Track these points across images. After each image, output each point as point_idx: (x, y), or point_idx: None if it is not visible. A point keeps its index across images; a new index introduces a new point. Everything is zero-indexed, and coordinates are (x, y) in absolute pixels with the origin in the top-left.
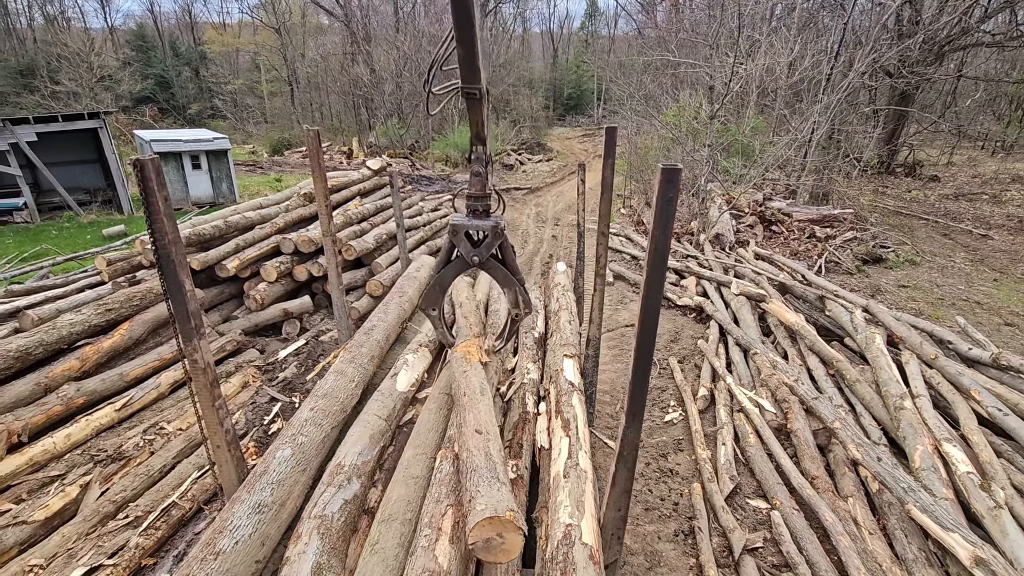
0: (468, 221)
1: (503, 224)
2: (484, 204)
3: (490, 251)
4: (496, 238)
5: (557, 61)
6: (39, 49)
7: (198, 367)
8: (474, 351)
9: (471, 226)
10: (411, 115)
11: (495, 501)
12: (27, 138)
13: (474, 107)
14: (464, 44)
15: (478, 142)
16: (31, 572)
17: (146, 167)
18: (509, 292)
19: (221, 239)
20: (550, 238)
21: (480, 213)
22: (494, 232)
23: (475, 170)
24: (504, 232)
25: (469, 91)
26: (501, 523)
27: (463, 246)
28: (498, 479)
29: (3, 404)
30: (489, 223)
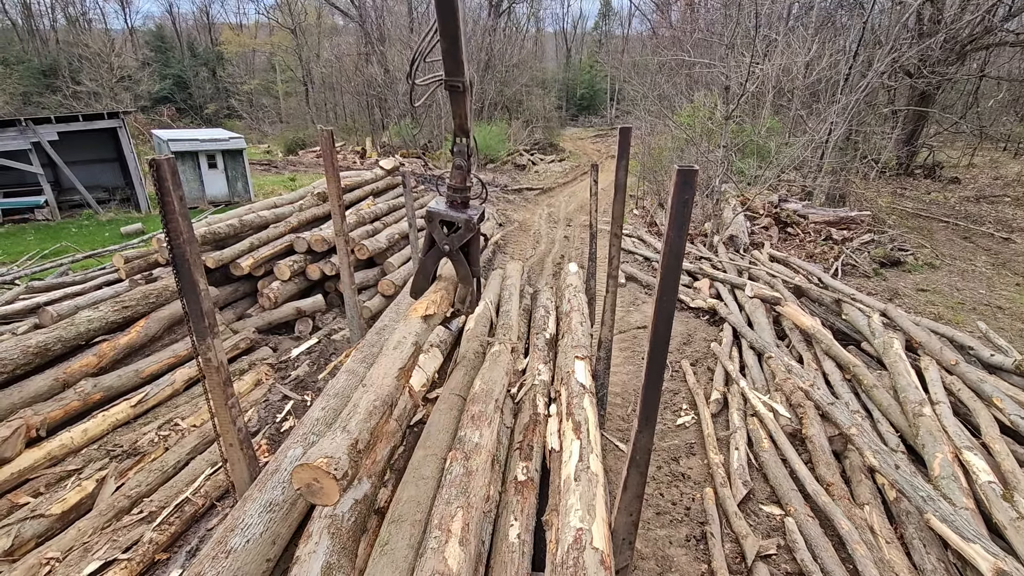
0: (444, 210)
1: (476, 218)
2: (463, 196)
3: (461, 242)
4: (468, 231)
5: (570, 61)
6: (61, 50)
7: (212, 365)
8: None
9: (446, 215)
10: (424, 115)
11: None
12: (49, 137)
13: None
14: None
15: (461, 134)
16: (48, 565)
17: (162, 167)
18: (462, 289)
19: (236, 238)
20: (562, 239)
21: (457, 204)
22: (466, 225)
23: (457, 163)
24: (476, 226)
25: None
26: (313, 469)
27: (437, 233)
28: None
29: (22, 399)
30: (463, 216)
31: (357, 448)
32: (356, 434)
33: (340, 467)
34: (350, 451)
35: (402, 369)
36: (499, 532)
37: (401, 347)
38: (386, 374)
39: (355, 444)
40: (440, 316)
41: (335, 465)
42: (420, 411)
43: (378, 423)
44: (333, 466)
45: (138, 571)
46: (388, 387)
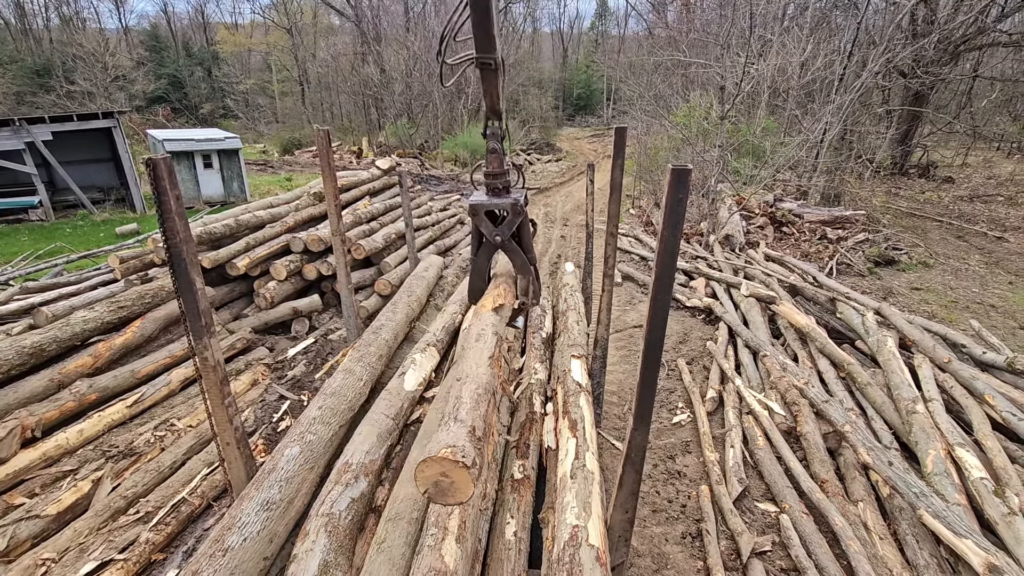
0: (488, 200)
1: (523, 200)
2: (503, 181)
3: (512, 229)
4: (517, 215)
5: (567, 61)
6: (55, 49)
7: (208, 365)
8: (488, 302)
9: (491, 205)
10: (421, 115)
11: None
12: (43, 137)
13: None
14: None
15: (493, 116)
16: (43, 566)
17: (158, 167)
18: (522, 280)
19: (232, 238)
20: (559, 238)
21: (500, 191)
22: (514, 209)
23: (491, 146)
24: (523, 208)
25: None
26: (439, 462)
27: (484, 226)
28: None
29: (17, 399)
30: (509, 200)
31: (476, 435)
32: (471, 422)
33: (467, 454)
34: (470, 438)
35: (491, 358)
36: (496, 530)
37: (483, 338)
38: (479, 363)
39: (473, 431)
40: (509, 307)
41: (461, 453)
42: (417, 410)
43: (487, 411)
44: (460, 454)
45: (135, 571)
46: (485, 375)
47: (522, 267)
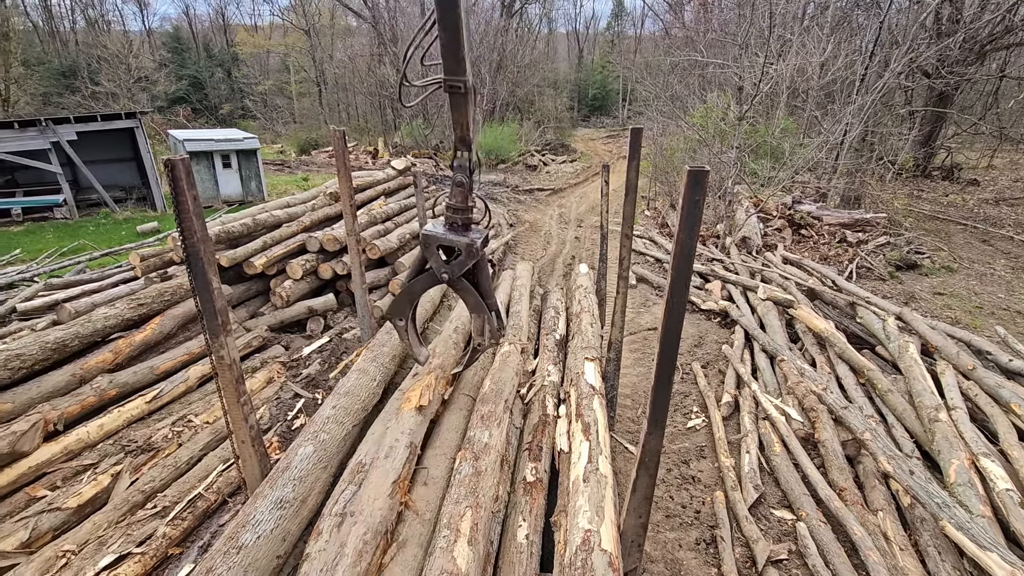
0: (442, 233)
1: (479, 242)
2: (464, 217)
3: (462, 270)
4: (470, 257)
5: (582, 62)
6: (80, 51)
7: (224, 363)
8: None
9: (445, 240)
10: (436, 115)
11: None
12: (68, 137)
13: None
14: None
15: (462, 146)
16: (64, 557)
17: (177, 167)
18: (477, 319)
19: (249, 237)
20: (573, 239)
21: (457, 227)
22: (468, 251)
23: (457, 179)
24: (480, 251)
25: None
26: None
27: (434, 260)
28: None
29: (40, 394)
30: (464, 240)
31: None
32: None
33: None
34: None
35: (396, 483)
36: (508, 532)
37: (393, 454)
38: (377, 493)
39: None
40: (437, 403)
41: None
42: (432, 407)
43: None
44: None
45: (152, 565)
46: (381, 511)
47: (475, 306)
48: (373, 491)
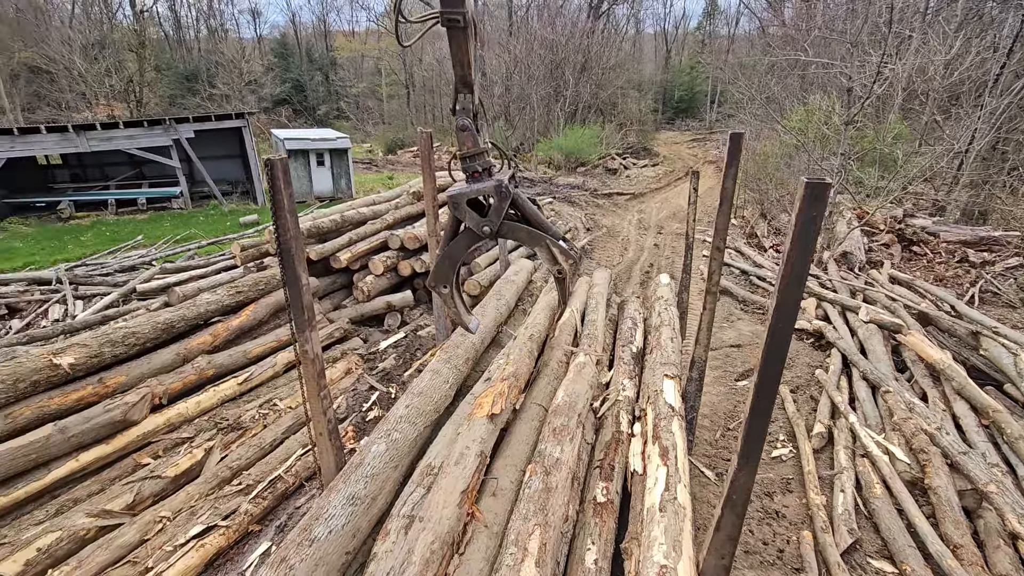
0: (468, 188)
1: (506, 181)
2: (482, 163)
3: (500, 216)
4: (503, 200)
5: (669, 63)
6: (202, 57)
7: (308, 357)
8: (486, 402)
9: (472, 192)
10: (517, 117)
11: None
12: (187, 135)
13: (457, 39)
14: None
15: (464, 87)
16: (160, 522)
17: (276, 166)
18: (541, 251)
19: (337, 232)
20: (652, 246)
21: (479, 175)
22: (498, 193)
23: (461, 124)
24: (509, 189)
25: (451, 18)
26: None
27: (469, 219)
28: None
29: (150, 369)
30: (491, 184)
31: None
32: None
33: None
34: None
35: (465, 492)
36: (575, 555)
37: (464, 461)
38: (447, 501)
39: None
40: (509, 412)
41: None
42: (504, 416)
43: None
44: None
45: (234, 539)
46: (448, 520)
47: (531, 238)
48: (442, 498)
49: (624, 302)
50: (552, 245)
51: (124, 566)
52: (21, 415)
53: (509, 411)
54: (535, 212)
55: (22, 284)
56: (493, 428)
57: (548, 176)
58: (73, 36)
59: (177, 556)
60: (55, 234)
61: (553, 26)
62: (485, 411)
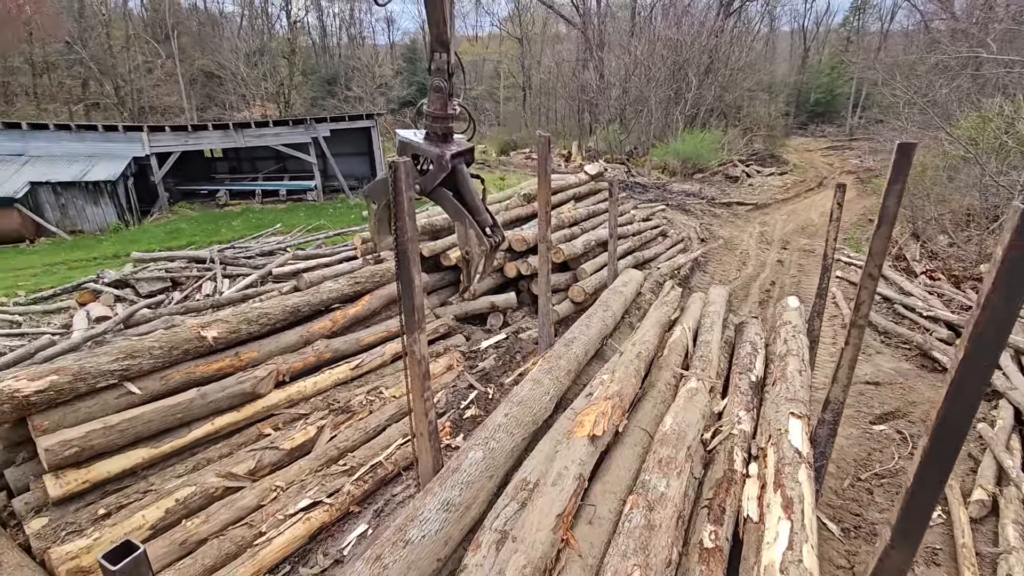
0: (418, 143)
1: (449, 155)
2: (443, 127)
3: (434, 182)
4: (440, 170)
5: (807, 62)
6: (341, 63)
7: (415, 358)
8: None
9: (418, 149)
10: (633, 120)
11: None
12: (323, 134)
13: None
14: None
15: (439, 46)
16: (275, 491)
17: (398, 169)
18: (460, 227)
19: (449, 230)
20: (774, 263)
21: (435, 137)
22: (438, 162)
23: (436, 84)
24: (448, 163)
25: None
26: None
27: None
28: None
29: (277, 348)
30: (435, 151)
31: None
32: None
33: None
34: None
35: (561, 516)
36: None
37: (560, 483)
38: (541, 524)
39: None
40: (611, 435)
41: None
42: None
43: None
44: None
45: (336, 516)
46: (542, 545)
47: (455, 213)
48: (536, 519)
49: (743, 324)
50: (471, 226)
51: (242, 527)
52: (172, 378)
53: (611, 434)
54: (471, 191)
55: (184, 261)
56: (593, 450)
57: (662, 182)
58: (239, 45)
59: (287, 525)
60: (212, 219)
61: (679, 25)
62: (586, 431)
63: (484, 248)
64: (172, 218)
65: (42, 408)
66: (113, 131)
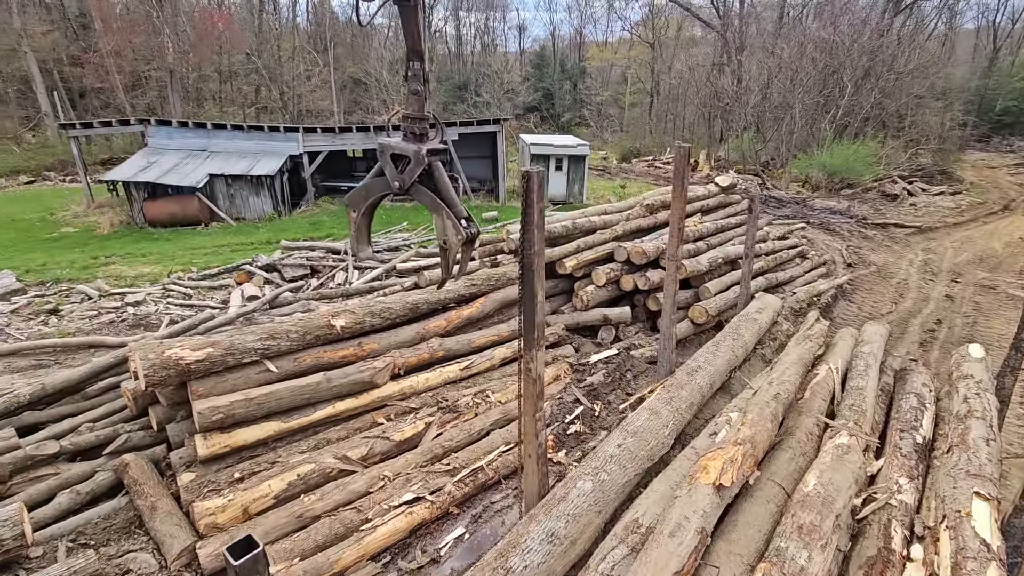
0: (396, 143)
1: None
2: (420, 127)
3: (412, 178)
4: (417, 164)
5: (994, 64)
6: (472, 69)
7: (530, 376)
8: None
9: (397, 148)
10: (773, 128)
11: None
12: (452, 137)
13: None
14: None
15: (415, 56)
16: (382, 480)
17: (532, 179)
18: (438, 219)
19: (566, 238)
20: (941, 298)
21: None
22: (415, 158)
23: (412, 88)
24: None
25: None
26: None
27: (388, 169)
28: None
29: (396, 342)
30: (412, 148)
31: None
32: None
33: None
34: None
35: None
36: None
37: (679, 536)
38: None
39: None
40: (740, 485)
41: None
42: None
43: None
44: None
45: (436, 514)
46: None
47: (433, 205)
48: (650, 573)
49: (905, 370)
50: (448, 218)
51: (351, 510)
52: (304, 361)
53: (740, 484)
54: (447, 186)
55: (322, 251)
56: (719, 502)
57: (802, 196)
58: (384, 54)
59: (390, 516)
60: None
61: (835, 25)
62: (711, 478)
63: (460, 238)
64: (316, 211)
65: (199, 375)
66: (275, 131)
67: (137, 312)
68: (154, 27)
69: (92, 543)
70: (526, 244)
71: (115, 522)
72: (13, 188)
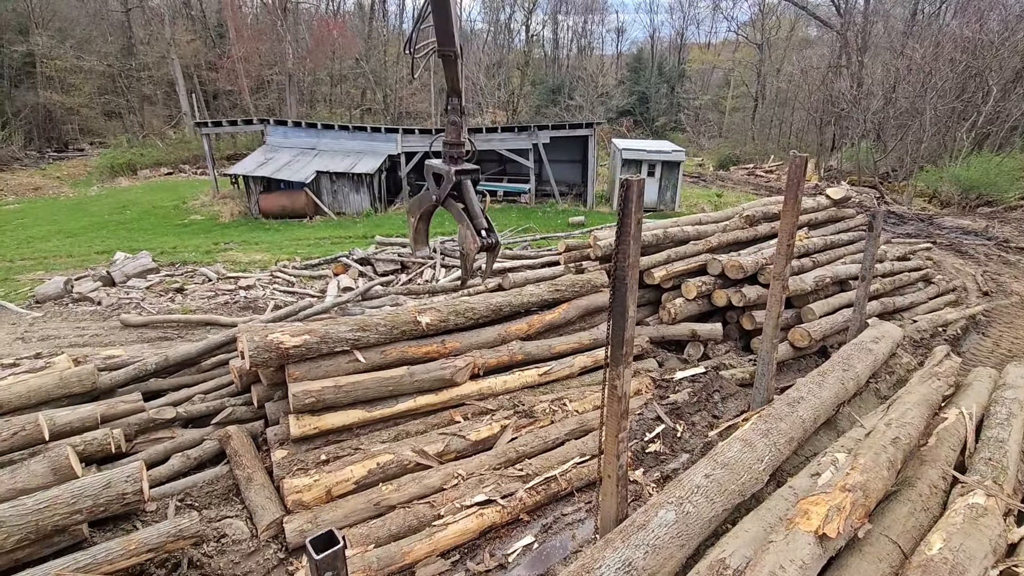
0: (437, 164)
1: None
2: (457, 151)
3: (445, 192)
4: (448, 182)
5: None
6: (567, 73)
7: (616, 394)
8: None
9: (437, 168)
10: (897, 137)
11: None
12: (543, 140)
13: (450, 66)
14: (440, 13)
15: (454, 95)
16: (456, 478)
17: (631, 188)
18: (462, 228)
19: (656, 247)
20: None
21: (451, 159)
22: (447, 176)
23: (451, 119)
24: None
25: (444, 53)
26: None
27: (431, 185)
28: None
29: (477, 342)
30: (445, 168)
31: None
32: None
33: None
34: None
35: None
36: None
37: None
38: None
39: None
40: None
41: None
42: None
43: None
44: None
45: (506, 519)
46: None
47: (459, 217)
48: None
49: None
50: (468, 228)
51: (424, 504)
52: (390, 354)
53: (848, 536)
54: (472, 201)
55: None
56: (820, 553)
57: (928, 213)
58: (482, 58)
59: (462, 515)
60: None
61: (981, 22)
62: (813, 525)
63: (476, 246)
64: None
65: (295, 360)
66: (377, 132)
67: (248, 295)
68: (278, 35)
69: (196, 505)
70: (620, 255)
71: (216, 488)
72: (156, 179)
